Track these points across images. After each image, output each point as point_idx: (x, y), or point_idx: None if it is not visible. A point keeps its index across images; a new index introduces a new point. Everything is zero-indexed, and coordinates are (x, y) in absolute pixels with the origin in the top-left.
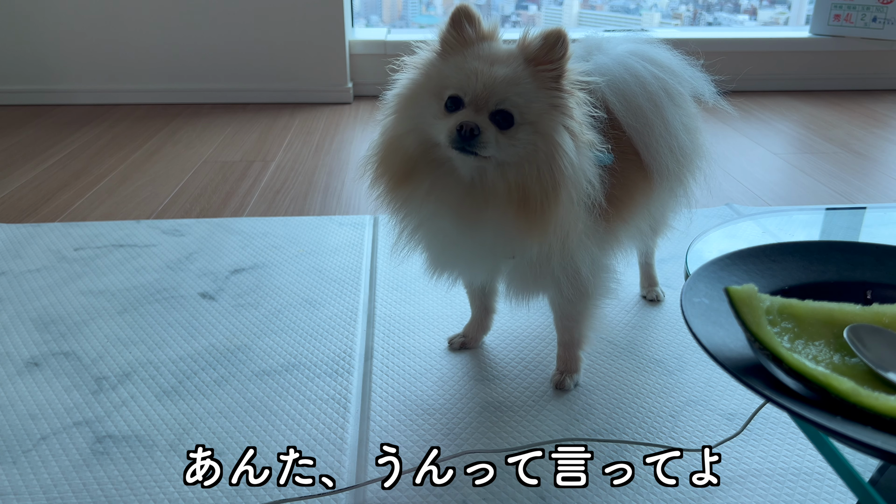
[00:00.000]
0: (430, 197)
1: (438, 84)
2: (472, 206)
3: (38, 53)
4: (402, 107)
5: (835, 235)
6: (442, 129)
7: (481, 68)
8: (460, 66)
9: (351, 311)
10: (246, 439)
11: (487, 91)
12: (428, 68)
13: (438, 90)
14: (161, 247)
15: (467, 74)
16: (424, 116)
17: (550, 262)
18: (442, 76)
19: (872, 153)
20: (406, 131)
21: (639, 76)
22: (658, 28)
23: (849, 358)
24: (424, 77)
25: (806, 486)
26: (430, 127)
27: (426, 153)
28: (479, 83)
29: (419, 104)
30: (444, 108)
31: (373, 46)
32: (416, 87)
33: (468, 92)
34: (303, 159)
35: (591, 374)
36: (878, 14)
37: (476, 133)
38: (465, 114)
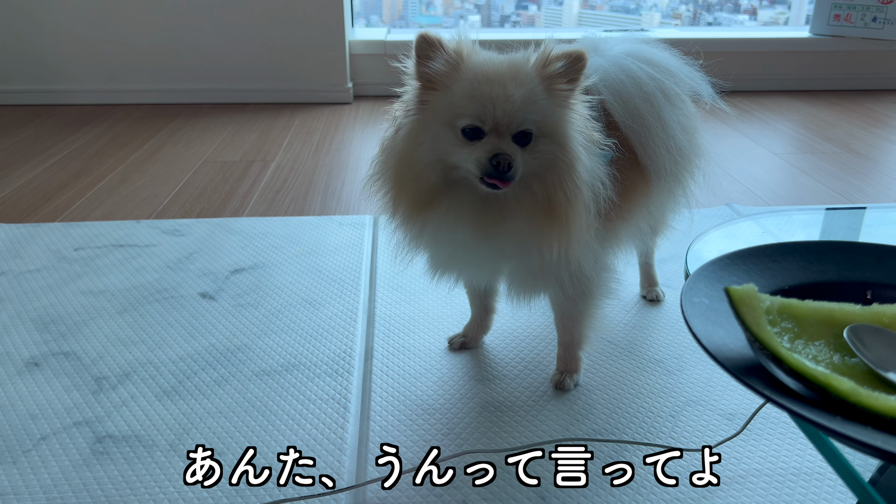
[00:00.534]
0: (448, 214)
1: (449, 114)
2: (489, 219)
3: (39, 53)
4: (413, 142)
5: (835, 235)
6: (465, 157)
7: (496, 94)
8: (470, 94)
9: (351, 311)
10: (246, 439)
11: (508, 116)
12: (429, 102)
13: (450, 120)
14: (161, 247)
15: (482, 103)
16: (441, 146)
17: (555, 262)
18: (451, 106)
19: (872, 153)
20: (425, 164)
21: (634, 77)
22: (658, 28)
23: (849, 358)
24: (430, 111)
25: (806, 486)
26: (449, 155)
27: (445, 177)
28: (499, 110)
29: (432, 136)
30: (463, 136)
31: (373, 46)
32: (424, 122)
33: (487, 120)
34: (303, 159)
35: (591, 374)
36: (878, 14)
37: (511, 165)
38: (492, 143)
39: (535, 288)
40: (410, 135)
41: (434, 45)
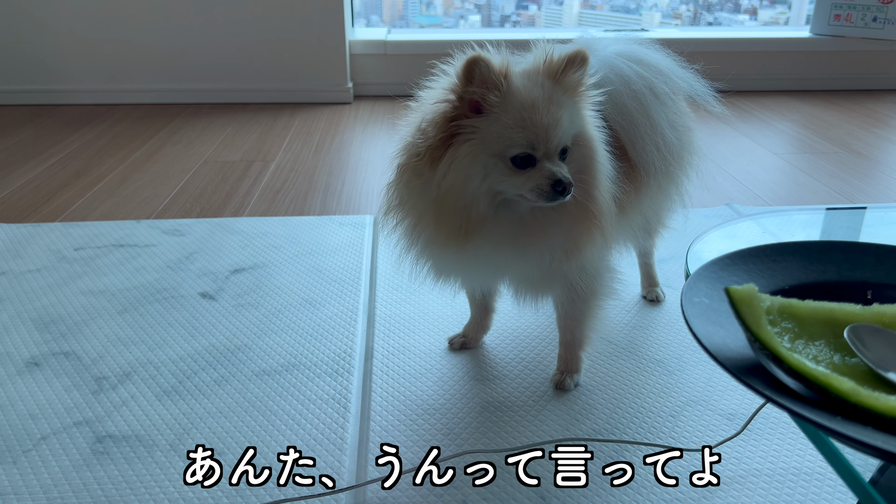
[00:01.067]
0: (490, 238)
1: (500, 146)
2: (531, 231)
3: (39, 53)
4: (466, 172)
5: (835, 235)
6: (519, 186)
7: (547, 122)
8: (522, 125)
9: (351, 311)
10: (246, 439)
11: (557, 140)
12: (481, 132)
13: (500, 150)
14: (161, 247)
15: (535, 133)
16: (491, 176)
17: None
18: (503, 137)
19: (873, 153)
20: (475, 195)
21: (623, 75)
22: (658, 28)
23: (849, 358)
24: (481, 142)
25: (806, 486)
26: (497, 184)
27: (491, 205)
28: (552, 136)
29: (482, 168)
30: (513, 165)
31: (373, 46)
32: (472, 153)
33: (539, 147)
34: (303, 159)
35: (591, 374)
36: (879, 14)
37: (572, 185)
38: (548, 169)
39: (543, 289)
40: (460, 168)
41: (488, 69)
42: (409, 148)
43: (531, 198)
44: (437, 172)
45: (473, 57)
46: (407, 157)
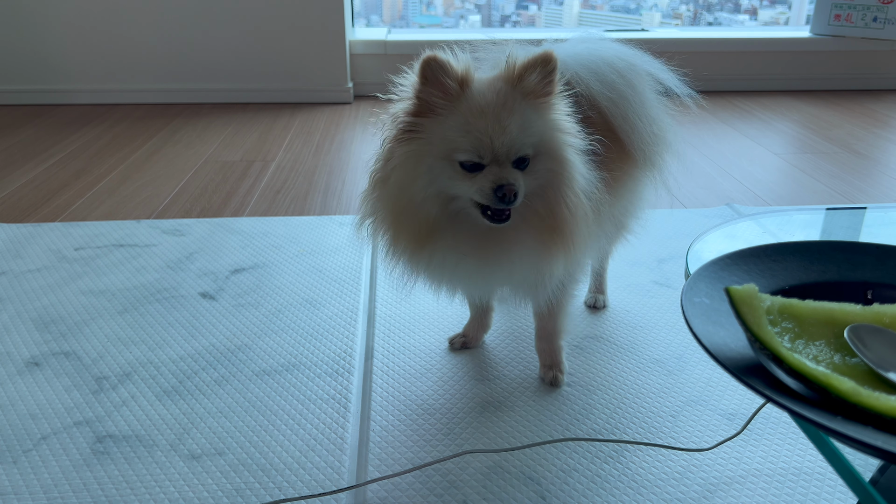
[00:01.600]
0: (452, 247)
1: (446, 149)
2: (494, 247)
3: (39, 53)
4: (410, 175)
5: (835, 235)
6: (467, 189)
7: (492, 127)
8: (466, 129)
9: (351, 311)
10: (246, 439)
11: (506, 147)
12: (424, 131)
13: (447, 153)
14: (161, 247)
15: (479, 138)
16: (439, 179)
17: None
18: (448, 140)
19: (873, 153)
20: (423, 198)
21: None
22: (658, 28)
23: (849, 358)
24: (425, 142)
25: (806, 486)
26: (448, 188)
27: (444, 209)
28: (497, 143)
29: (428, 170)
30: (461, 168)
31: (373, 46)
32: (420, 153)
33: (486, 154)
34: (303, 159)
35: (591, 374)
36: (879, 14)
37: (516, 195)
38: (495, 173)
39: (529, 296)
40: (405, 168)
41: (444, 68)
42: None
43: (478, 200)
44: (387, 169)
45: (428, 57)
46: (379, 163)
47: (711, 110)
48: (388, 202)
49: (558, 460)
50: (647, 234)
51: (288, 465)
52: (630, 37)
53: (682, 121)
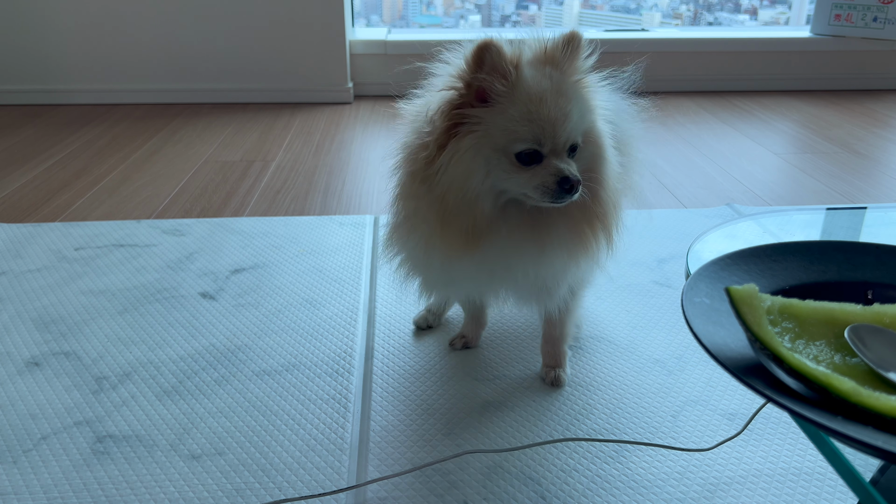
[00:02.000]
0: (506, 243)
1: (504, 139)
2: (534, 238)
3: (39, 53)
4: (468, 168)
5: (835, 235)
6: (523, 184)
7: (555, 115)
8: (528, 118)
9: (351, 311)
10: (246, 439)
11: (566, 136)
12: (480, 122)
13: (504, 145)
14: (161, 247)
15: (542, 127)
16: (495, 173)
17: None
18: (507, 131)
19: (873, 153)
20: (477, 195)
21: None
22: (658, 28)
23: (850, 358)
24: (484, 135)
25: (806, 486)
26: (501, 182)
27: (496, 204)
28: (560, 132)
29: (485, 163)
30: (517, 161)
31: (373, 46)
32: (479, 147)
33: (546, 143)
34: (303, 159)
35: (591, 374)
36: (879, 14)
37: (580, 183)
38: (555, 166)
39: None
40: (462, 162)
41: (499, 55)
42: (411, 150)
43: (536, 196)
44: (437, 166)
45: (485, 42)
46: (411, 161)
47: (711, 110)
48: (434, 197)
49: (558, 460)
50: (647, 234)
51: (288, 465)
52: (630, 37)
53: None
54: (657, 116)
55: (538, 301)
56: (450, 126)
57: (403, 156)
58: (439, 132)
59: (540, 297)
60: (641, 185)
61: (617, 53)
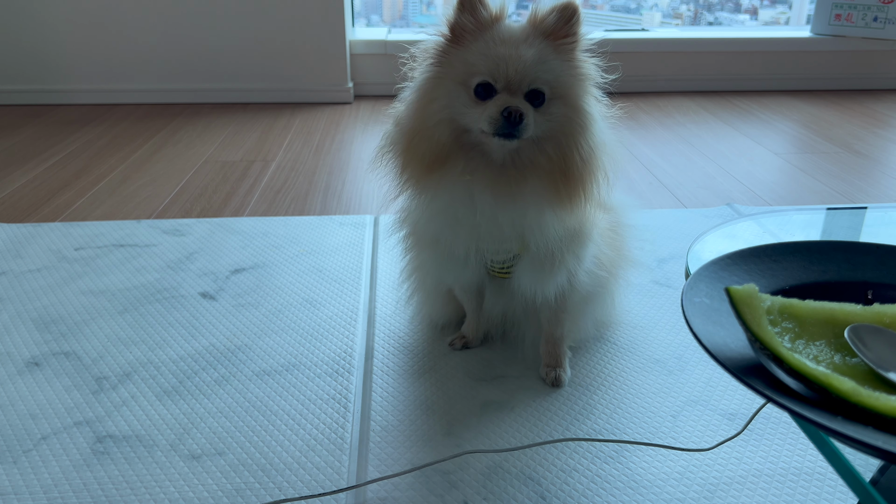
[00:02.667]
0: (463, 177)
1: (464, 72)
2: (507, 185)
3: (39, 53)
4: (427, 97)
5: (836, 235)
6: (477, 117)
7: (509, 53)
8: (485, 53)
9: (351, 311)
10: (246, 439)
11: (519, 75)
12: (448, 57)
13: (464, 78)
14: (161, 247)
15: (496, 61)
16: (454, 105)
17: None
18: (467, 64)
19: (873, 153)
20: (437, 122)
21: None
22: (659, 28)
23: (850, 358)
24: (447, 66)
25: (806, 486)
26: (461, 116)
27: (457, 140)
28: (511, 68)
29: (446, 93)
30: (475, 96)
31: (373, 46)
32: (440, 77)
33: (499, 78)
34: (303, 159)
35: (591, 375)
36: (879, 14)
37: (522, 117)
38: (505, 99)
39: (545, 279)
40: (424, 89)
41: (480, 2)
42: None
43: (487, 129)
44: (410, 94)
45: None
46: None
47: (711, 110)
48: (402, 127)
49: (558, 460)
50: (647, 235)
51: (288, 465)
52: (630, 37)
53: (683, 121)
54: (657, 116)
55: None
56: (426, 62)
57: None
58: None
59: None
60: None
61: (617, 53)
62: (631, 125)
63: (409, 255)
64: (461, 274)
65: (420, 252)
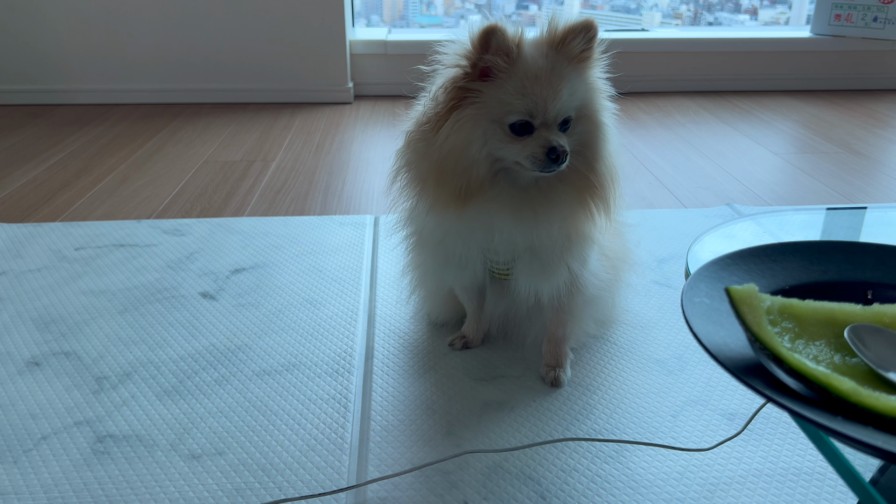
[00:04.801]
0: (490, 205)
1: (500, 111)
2: (530, 209)
3: (39, 53)
4: (464, 140)
5: (836, 235)
6: (516, 152)
7: (546, 92)
8: (523, 93)
9: (351, 311)
10: (246, 439)
11: (555, 111)
12: (479, 95)
13: (500, 116)
14: (162, 246)
15: (535, 101)
16: (490, 143)
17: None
18: (503, 103)
19: (873, 153)
20: (475, 160)
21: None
22: (659, 28)
23: (849, 358)
24: (480, 106)
25: (806, 486)
26: (496, 150)
27: (490, 170)
28: (550, 107)
29: (482, 133)
30: (510, 132)
31: (373, 46)
32: (474, 118)
33: (537, 115)
34: (303, 159)
35: (591, 375)
36: (879, 14)
37: (567, 155)
38: (545, 137)
39: (544, 278)
40: (462, 131)
41: (503, 35)
42: (419, 117)
43: (527, 165)
44: (439, 134)
45: (490, 26)
46: (415, 124)
47: (711, 110)
48: (433, 161)
49: (558, 460)
50: (647, 234)
51: (288, 465)
52: (630, 37)
53: (683, 121)
54: (657, 116)
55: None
56: (452, 101)
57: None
58: (442, 106)
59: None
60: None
61: (617, 53)
62: (631, 125)
63: (411, 254)
64: (462, 274)
65: (422, 252)
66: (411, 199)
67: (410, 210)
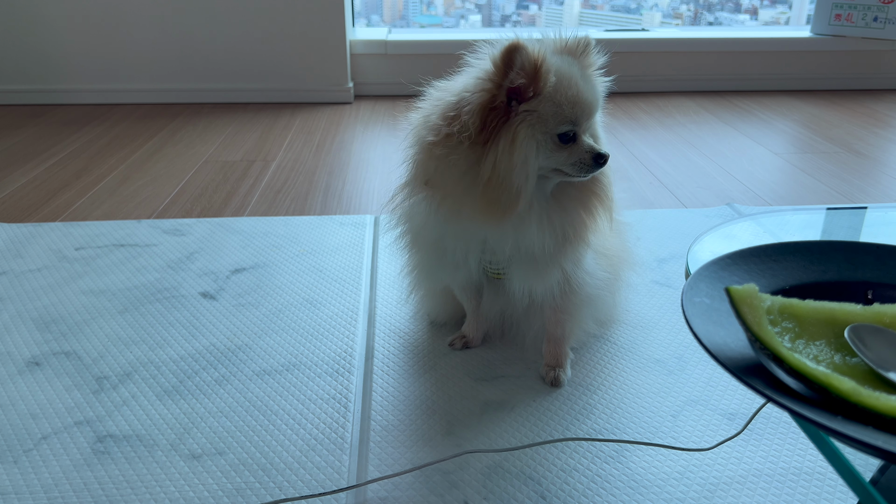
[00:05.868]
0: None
1: (554, 123)
2: (548, 213)
3: (39, 53)
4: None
5: (836, 235)
6: (562, 161)
7: (590, 98)
8: (573, 102)
9: (351, 311)
10: (246, 439)
11: (594, 118)
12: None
13: (553, 128)
14: (162, 246)
15: (582, 108)
16: (543, 154)
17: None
18: (556, 115)
19: (873, 153)
20: (528, 175)
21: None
22: (659, 27)
23: (850, 358)
24: (539, 121)
25: (806, 486)
26: (546, 161)
27: (537, 181)
28: (593, 115)
29: (535, 147)
30: (559, 141)
31: (373, 46)
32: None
33: (581, 122)
34: (303, 159)
35: (591, 375)
36: (879, 14)
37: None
38: (588, 144)
39: (539, 278)
40: (521, 148)
41: (525, 56)
42: (435, 130)
43: (570, 171)
44: (489, 155)
45: (513, 44)
46: (436, 136)
47: (711, 110)
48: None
49: (558, 460)
50: (647, 234)
51: (288, 465)
52: (630, 37)
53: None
54: (657, 116)
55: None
56: (483, 125)
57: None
58: (473, 129)
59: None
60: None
61: (617, 53)
62: (631, 125)
63: (407, 254)
64: (457, 274)
65: (417, 252)
66: (411, 199)
67: (409, 209)
